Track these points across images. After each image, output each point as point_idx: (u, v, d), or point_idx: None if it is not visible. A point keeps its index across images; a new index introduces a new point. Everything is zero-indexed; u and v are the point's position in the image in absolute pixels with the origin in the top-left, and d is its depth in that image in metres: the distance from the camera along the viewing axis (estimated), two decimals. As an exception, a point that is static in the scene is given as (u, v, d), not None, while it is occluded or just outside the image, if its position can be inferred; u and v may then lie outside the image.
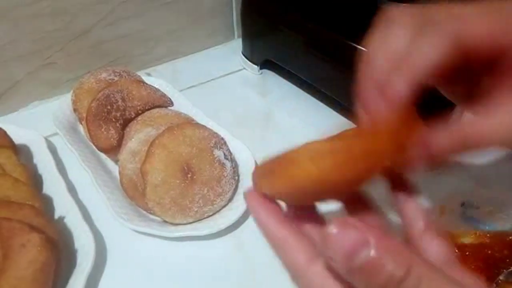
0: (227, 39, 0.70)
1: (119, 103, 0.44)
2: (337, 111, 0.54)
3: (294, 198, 0.21)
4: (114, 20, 0.57)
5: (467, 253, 0.35)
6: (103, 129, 0.43)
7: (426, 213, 0.21)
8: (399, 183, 0.22)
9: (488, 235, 0.36)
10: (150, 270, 0.37)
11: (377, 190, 0.22)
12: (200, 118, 0.48)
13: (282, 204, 0.22)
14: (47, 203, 0.40)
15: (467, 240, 0.36)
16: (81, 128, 0.49)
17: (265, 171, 0.21)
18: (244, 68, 0.64)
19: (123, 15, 0.57)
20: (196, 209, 0.38)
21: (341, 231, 0.16)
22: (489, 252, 0.35)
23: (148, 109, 0.46)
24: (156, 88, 0.49)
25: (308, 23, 0.50)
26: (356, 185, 0.20)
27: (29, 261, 0.32)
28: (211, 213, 0.40)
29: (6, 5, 0.49)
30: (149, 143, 0.39)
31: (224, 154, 0.41)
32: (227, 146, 0.42)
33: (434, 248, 0.20)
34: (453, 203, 0.37)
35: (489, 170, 0.45)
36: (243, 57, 0.63)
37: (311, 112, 0.55)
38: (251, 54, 0.62)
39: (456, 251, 0.35)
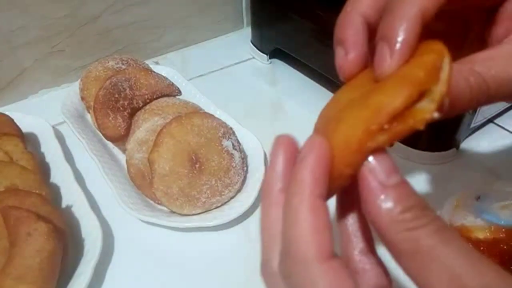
0: (236, 27, 0.69)
1: (127, 91, 0.44)
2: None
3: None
4: (122, 7, 0.56)
5: (481, 248, 0.34)
6: (110, 118, 0.43)
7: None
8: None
9: (503, 230, 0.35)
10: (157, 260, 0.37)
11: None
12: (209, 107, 0.48)
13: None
14: (54, 192, 0.40)
15: (482, 235, 0.35)
16: (89, 117, 0.49)
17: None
18: (253, 57, 0.63)
19: (131, 2, 0.56)
20: (204, 200, 0.38)
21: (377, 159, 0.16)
22: (505, 247, 0.34)
23: (156, 98, 0.45)
24: (164, 76, 0.49)
25: (318, 11, 0.49)
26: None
27: (36, 249, 0.31)
28: (219, 204, 0.39)
29: (14, -9, 0.48)
30: (157, 132, 0.38)
31: (233, 144, 0.40)
32: (236, 136, 0.42)
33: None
34: (467, 196, 0.36)
35: (505, 163, 0.44)
36: (252, 46, 0.62)
37: (321, 101, 0.53)
38: (260, 42, 0.61)
39: (471, 246, 0.34)
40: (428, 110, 0.16)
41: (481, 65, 0.19)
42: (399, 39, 0.17)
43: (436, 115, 0.16)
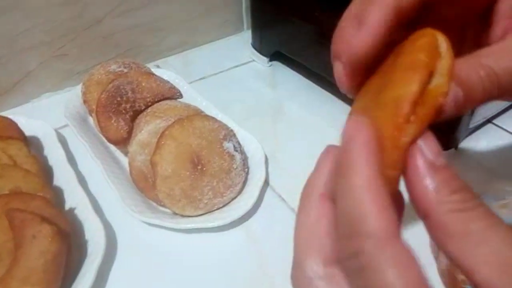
0: (237, 30, 0.69)
1: (129, 94, 0.44)
2: (348, 103, 0.53)
3: None
4: (125, 10, 0.57)
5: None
6: (113, 121, 0.43)
7: None
8: None
9: (502, 229, 0.35)
10: (160, 262, 0.37)
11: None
12: (210, 110, 0.48)
13: None
14: (57, 195, 0.40)
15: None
16: (91, 120, 0.49)
17: None
18: (254, 60, 0.63)
19: (133, 6, 0.57)
20: (206, 201, 0.38)
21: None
22: None
23: (158, 101, 0.46)
24: (165, 80, 0.49)
25: (319, 13, 0.49)
26: None
27: (40, 251, 0.32)
28: (221, 205, 0.39)
29: (18, -5, 0.49)
30: (159, 135, 0.39)
31: (234, 146, 0.41)
32: (237, 138, 0.42)
33: None
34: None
35: (503, 162, 0.44)
36: (253, 49, 0.63)
37: (321, 104, 0.54)
38: (260, 45, 0.61)
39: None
40: (442, 84, 0.16)
41: (488, 58, 0.19)
42: (370, 17, 0.19)
43: (452, 87, 0.16)
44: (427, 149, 0.16)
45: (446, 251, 0.16)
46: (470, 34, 0.23)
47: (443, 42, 0.16)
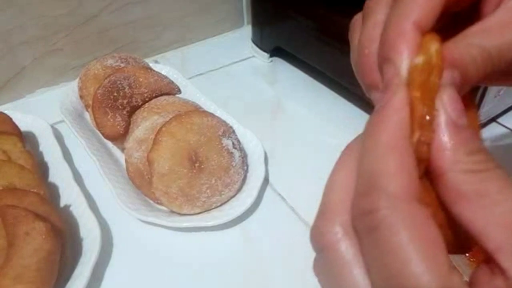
0: (237, 25, 0.68)
1: (126, 90, 0.43)
2: (348, 100, 0.52)
3: None
4: (121, 5, 0.56)
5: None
6: (109, 117, 0.42)
7: None
8: None
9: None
10: (156, 260, 0.36)
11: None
12: (208, 106, 0.47)
13: None
14: (52, 191, 0.40)
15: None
16: (88, 116, 0.49)
17: None
18: (254, 56, 0.62)
19: (130, 0, 0.56)
20: (203, 200, 0.37)
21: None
22: None
23: (155, 97, 0.45)
24: (163, 75, 0.48)
25: (320, 9, 0.49)
26: None
27: (34, 249, 0.31)
28: (219, 204, 0.39)
29: (12, -11, 0.48)
30: (156, 131, 0.38)
31: (233, 143, 0.40)
32: (236, 135, 0.41)
33: None
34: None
35: (508, 162, 0.43)
36: (253, 44, 0.62)
37: (321, 101, 0.53)
38: (261, 41, 0.60)
39: (473, 246, 0.33)
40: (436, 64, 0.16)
41: (479, 36, 0.18)
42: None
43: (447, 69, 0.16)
44: (450, 106, 0.16)
45: (457, 212, 0.15)
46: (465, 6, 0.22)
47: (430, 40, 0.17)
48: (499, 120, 0.48)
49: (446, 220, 0.16)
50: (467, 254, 0.33)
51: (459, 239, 0.17)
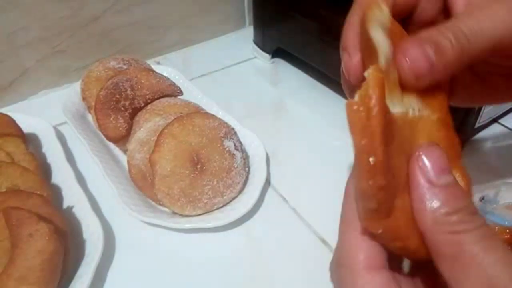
0: (238, 27, 0.68)
1: (128, 91, 0.43)
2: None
3: None
4: (123, 7, 0.56)
5: (486, 250, 0.34)
6: (111, 118, 0.42)
7: None
8: None
9: (507, 230, 0.35)
10: (158, 261, 0.36)
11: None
12: (210, 107, 0.48)
13: None
14: (55, 193, 0.40)
15: (486, 236, 0.35)
16: (90, 117, 0.49)
17: None
18: (255, 57, 0.62)
19: (132, 2, 0.56)
20: (205, 201, 0.38)
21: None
22: (510, 248, 0.33)
23: (157, 98, 0.45)
24: (165, 76, 0.48)
25: (321, 10, 0.49)
26: None
27: (37, 250, 0.31)
28: (220, 205, 0.39)
29: (16, -8, 0.48)
30: (158, 133, 0.38)
31: (235, 144, 0.40)
32: (237, 137, 0.42)
33: None
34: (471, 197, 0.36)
35: (509, 163, 0.43)
36: (255, 45, 0.62)
37: (323, 102, 0.53)
38: (262, 42, 0.61)
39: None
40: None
41: (455, 21, 0.18)
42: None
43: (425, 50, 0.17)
44: (430, 165, 0.16)
45: (438, 268, 0.16)
46: None
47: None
48: (501, 120, 0.48)
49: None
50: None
51: None
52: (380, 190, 0.15)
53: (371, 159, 0.15)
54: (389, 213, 0.16)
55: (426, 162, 0.16)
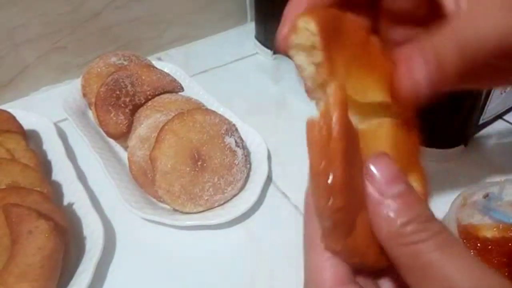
0: (240, 22, 0.68)
1: (128, 88, 0.43)
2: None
3: None
4: (124, 2, 0.56)
5: (489, 247, 0.33)
6: (112, 115, 0.42)
7: None
8: None
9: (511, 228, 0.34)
10: (159, 259, 0.36)
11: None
12: (211, 104, 0.47)
13: None
14: (56, 190, 0.40)
15: (490, 233, 0.34)
16: (91, 114, 0.49)
17: None
18: (257, 53, 0.62)
19: (133, -2, 0.56)
20: (206, 198, 0.37)
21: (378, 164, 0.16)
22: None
23: (158, 95, 0.45)
24: (166, 73, 0.48)
25: (324, 5, 0.48)
26: None
27: (37, 247, 0.31)
28: (221, 202, 0.39)
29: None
30: (159, 129, 0.38)
31: (236, 141, 0.40)
32: (239, 133, 0.41)
33: None
34: (475, 194, 0.36)
35: (514, 160, 0.43)
36: (256, 41, 0.62)
37: (326, 98, 0.53)
38: (264, 38, 0.60)
39: (478, 245, 0.33)
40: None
41: (450, 30, 0.18)
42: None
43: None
44: (380, 176, 0.16)
45: (402, 277, 0.16)
46: None
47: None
48: (505, 117, 0.47)
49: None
50: (472, 253, 0.33)
51: None
52: (338, 211, 0.15)
53: (329, 180, 0.15)
54: (350, 231, 0.16)
55: (375, 173, 0.16)
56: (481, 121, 0.43)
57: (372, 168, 0.16)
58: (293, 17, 0.18)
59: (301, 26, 0.17)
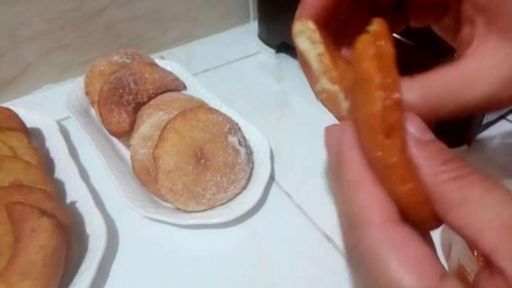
0: (243, 21, 0.68)
1: (131, 86, 0.43)
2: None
3: None
4: (127, 1, 0.55)
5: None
6: (115, 113, 0.42)
7: None
8: None
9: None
10: (162, 257, 0.36)
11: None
12: (214, 102, 0.47)
13: None
14: (58, 188, 0.40)
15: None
16: (94, 112, 0.49)
17: None
18: (260, 52, 0.62)
19: (136, -4, 0.56)
20: (209, 197, 0.37)
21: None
22: None
23: (161, 93, 0.45)
24: (169, 71, 0.48)
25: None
26: None
27: (40, 245, 0.31)
28: (224, 201, 0.39)
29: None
30: (162, 128, 0.38)
31: (239, 140, 0.40)
32: (242, 132, 0.41)
33: None
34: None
35: (517, 160, 0.43)
36: (259, 40, 0.61)
37: (329, 97, 0.53)
38: (267, 37, 0.60)
39: None
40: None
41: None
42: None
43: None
44: (412, 128, 0.16)
45: (449, 223, 0.16)
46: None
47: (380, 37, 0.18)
48: (509, 117, 0.47)
49: (427, 194, 0.16)
50: (475, 254, 0.32)
51: None
52: (398, 105, 0.16)
53: (389, 78, 0.16)
54: (402, 148, 0.16)
55: (409, 126, 0.17)
56: (484, 121, 0.43)
57: (406, 123, 0.17)
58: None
59: (301, 26, 0.20)
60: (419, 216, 0.16)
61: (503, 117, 0.47)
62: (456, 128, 0.42)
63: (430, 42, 0.30)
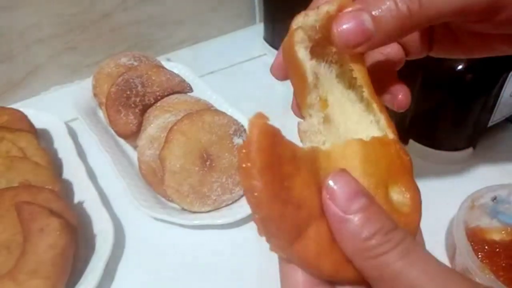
0: (249, 23, 0.68)
1: (139, 88, 0.44)
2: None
3: None
4: (134, 3, 0.56)
5: (497, 250, 0.33)
6: (122, 115, 0.43)
7: None
8: None
9: (520, 232, 0.34)
10: (168, 256, 0.37)
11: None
12: (220, 104, 0.47)
13: None
14: (66, 188, 0.40)
15: (498, 236, 0.34)
16: (101, 113, 0.49)
17: None
18: (266, 54, 0.62)
19: (143, -1, 0.56)
20: (214, 198, 0.38)
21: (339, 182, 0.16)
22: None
23: (168, 95, 0.45)
24: (175, 73, 0.49)
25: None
26: None
27: (48, 245, 0.32)
28: (229, 202, 0.39)
29: (28, -12, 0.49)
30: (168, 129, 0.38)
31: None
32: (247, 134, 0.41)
33: None
34: (483, 197, 0.35)
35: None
36: (265, 42, 0.62)
37: (334, 99, 0.53)
38: (273, 39, 0.60)
39: (486, 248, 0.33)
40: None
41: None
42: None
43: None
44: (340, 193, 0.16)
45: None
46: None
47: None
48: (514, 120, 0.47)
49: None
50: (479, 256, 0.32)
51: None
52: (264, 221, 0.17)
53: (255, 194, 0.16)
54: (293, 239, 0.17)
55: (336, 190, 0.16)
56: (490, 124, 0.43)
57: (332, 184, 0.16)
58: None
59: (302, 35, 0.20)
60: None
61: (508, 120, 0.47)
62: (461, 131, 0.42)
63: None
